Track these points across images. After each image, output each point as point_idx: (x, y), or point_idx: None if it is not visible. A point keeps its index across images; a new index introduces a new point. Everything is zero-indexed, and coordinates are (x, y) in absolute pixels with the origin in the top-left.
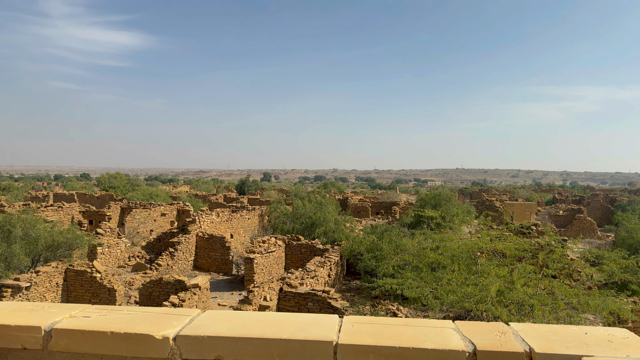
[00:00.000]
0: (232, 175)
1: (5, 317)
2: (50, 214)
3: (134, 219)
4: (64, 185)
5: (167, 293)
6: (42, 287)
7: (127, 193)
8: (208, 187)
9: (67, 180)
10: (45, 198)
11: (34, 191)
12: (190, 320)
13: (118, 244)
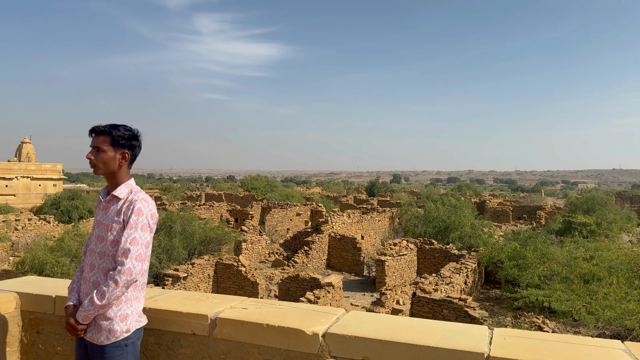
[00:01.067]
0: (362, 177)
1: (178, 304)
2: (203, 212)
3: (272, 217)
4: (213, 186)
5: (303, 289)
6: (196, 277)
7: (266, 193)
8: (339, 188)
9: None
10: (198, 198)
11: (189, 192)
12: (336, 319)
13: (259, 241)
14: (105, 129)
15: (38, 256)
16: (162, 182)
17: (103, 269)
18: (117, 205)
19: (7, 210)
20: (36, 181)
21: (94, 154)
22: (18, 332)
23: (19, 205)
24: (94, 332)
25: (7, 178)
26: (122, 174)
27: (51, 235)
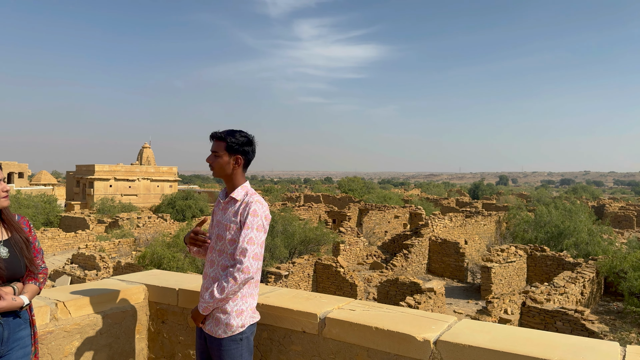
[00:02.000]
0: (464, 178)
1: (288, 302)
2: (302, 213)
3: (370, 219)
4: (311, 188)
5: (402, 293)
6: (297, 276)
7: (363, 195)
8: (439, 190)
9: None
10: (297, 199)
11: (289, 193)
12: (448, 326)
13: (357, 243)
14: (221, 135)
15: (157, 251)
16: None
17: (222, 265)
18: (234, 207)
19: (131, 208)
20: (155, 182)
21: (212, 158)
22: (146, 321)
23: (140, 204)
24: (213, 325)
25: (130, 180)
26: (237, 177)
27: (167, 232)
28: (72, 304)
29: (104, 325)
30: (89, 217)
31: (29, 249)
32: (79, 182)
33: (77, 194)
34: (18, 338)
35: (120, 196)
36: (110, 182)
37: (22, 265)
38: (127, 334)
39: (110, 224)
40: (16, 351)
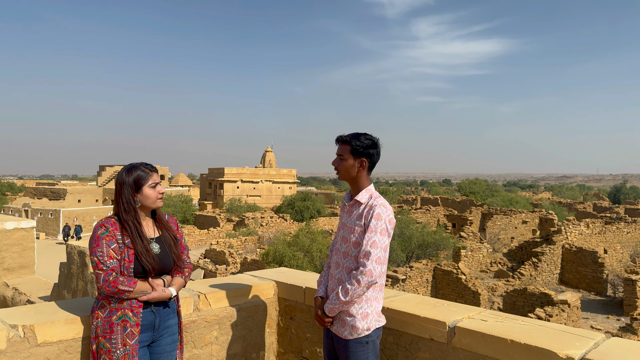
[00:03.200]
0: (603, 180)
1: (414, 307)
2: (419, 216)
3: (494, 224)
4: (428, 190)
5: (531, 305)
6: (414, 281)
7: (486, 199)
8: (573, 194)
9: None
10: (414, 201)
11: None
12: (594, 344)
13: (480, 249)
14: (346, 138)
15: (279, 249)
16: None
17: (346, 267)
18: (358, 210)
19: (255, 208)
20: (276, 184)
21: (338, 161)
22: (276, 316)
23: (263, 204)
24: (339, 326)
25: (254, 182)
26: (362, 180)
27: (288, 232)
28: (212, 296)
29: (239, 318)
30: (219, 216)
31: (176, 246)
32: (211, 184)
33: (209, 195)
34: (167, 326)
35: (246, 197)
36: (237, 184)
37: (171, 260)
38: (259, 327)
39: (237, 222)
40: (166, 338)
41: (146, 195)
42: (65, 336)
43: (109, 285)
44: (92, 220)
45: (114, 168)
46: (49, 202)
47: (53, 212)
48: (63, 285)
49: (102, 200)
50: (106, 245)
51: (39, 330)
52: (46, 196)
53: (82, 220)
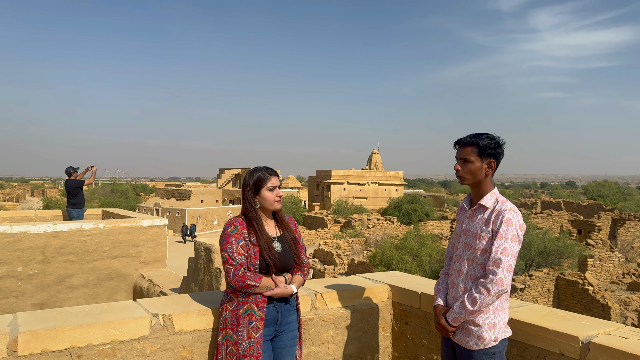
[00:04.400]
0: None
1: (541, 319)
2: (539, 221)
3: (627, 232)
4: (550, 193)
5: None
6: (534, 290)
7: (617, 203)
8: None
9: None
10: (533, 205)
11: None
12: None
13: (610, 258)
14: (471, 140)
15: (386, 252)
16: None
17: (471, 275)
18: (484, 215)
19: (361, 210)
20: (382, 186)
21: (461, 165)
22: (390, 320)
23: (369, 206)
24: (463, 335)
25: (361, 184)
26: (488, 183)
27: (395, 234)
28: (328, 296)
29: (353, 319)
30: (327, 217)
31: (296, 246)
32: (319, 186)
33: (317, 196)
34: (288, 322)
35: (352, 199)
36: (344, 186)
37: (291, 258)
38: (373, 330)
39: (344, 224)
40: (287, 333)
41: (264, 197)
42: (198, 326)
43: (238, 279)
44: (213, 219)
45: (231, 171)
46: (176, 202)
47: (180, 211)
48: (191, 278)
49: (221, 200)
50: (235, 242)
51: (176, 319)
52: (174, 197)
53: (204, 218)
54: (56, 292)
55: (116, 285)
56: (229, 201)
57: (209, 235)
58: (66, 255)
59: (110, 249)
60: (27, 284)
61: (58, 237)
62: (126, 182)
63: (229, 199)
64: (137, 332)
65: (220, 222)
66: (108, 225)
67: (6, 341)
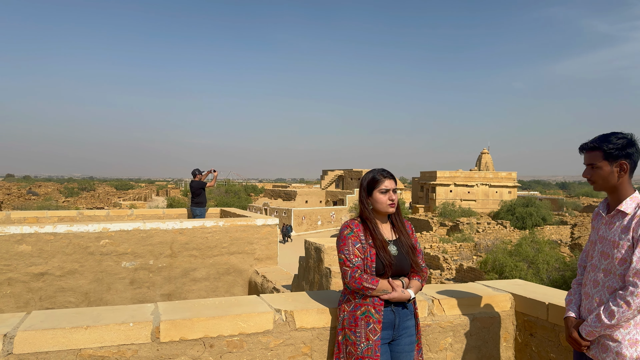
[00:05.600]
0: None
1: None
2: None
3: None
4: None
5: None
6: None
7: None
8: None
9: None
10: None
11: None
12: None
13: None
14: (594, 144)
15: (498, 258)
16: None
17: (608, 287)
18: (622, 221)
19: (470, 213)
20: (493, 188)
21: (589, 172)
22: (513, 331)
23: (479, 209)
24: (599, 351)
25: (469, 185)
26: (625, 186)
27: (508, 240)
28: (446, 302)
29: (473, 328)
30: (432, 220)
31: (414, 250)
32: (423, 187)
33: (421, 198)
34: (406, 327)
35: (460, 201)
36: (450, 188)
37: (407, 262)
38: (494, 340)
39: (451, 227)
40: (405, 338)
41: (376, 199)
42: (317, 324)
43: (355, 281)
44: (317, 219)
45: (334, 172)
46: (282, 202)
47: (286, 211)
48: (302, 276)
49: (324, 201)
50: (351, 244)
51: (297, 316)
52: (280, 197)
53: (308, 218)
54: (182, 284)
55: (233, 279)
56: (331, 202)
57: (313, 235)
58: (190, 251)
59: (228, 245)
60: (157, 276)
61: (183, 234)
62: (238, 183)
63: (332, 199)
64: (262, 326)
65: (324, 222)
66: (227, 224)
67: (150, 328)
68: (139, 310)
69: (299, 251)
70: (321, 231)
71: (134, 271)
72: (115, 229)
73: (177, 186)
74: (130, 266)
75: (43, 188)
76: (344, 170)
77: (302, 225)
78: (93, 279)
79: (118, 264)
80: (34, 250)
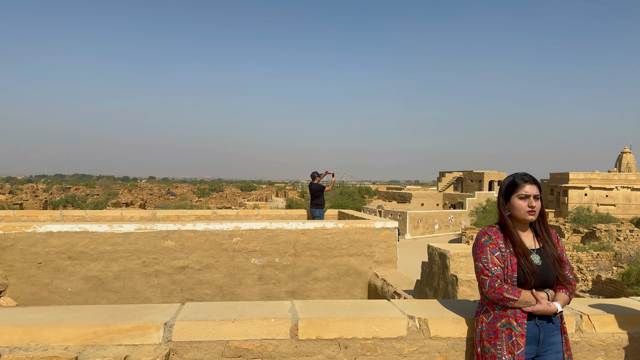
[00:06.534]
0: None
1: None
2: None
3: None
4: None
5: None
6: None
7: None
8: None
9: None
10: None
11: None
12: None
13: None
14: None
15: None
16: None
17: None
18: None
19: (608, 219)
20: (636, 192)
21: None
22: None
23: (619, 215)
24: None
25: (607, 188)
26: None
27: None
28: (596, 319)
29: (629, 348)
30: (564, 226)
31: (561, 265)
32: (553, 190)
33: (550, 202)
34: (552, 342)
35: (596, 206)
36: (585, 191)
37: (552, 274)
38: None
39: (586, 234)
40: (550, 354)
41: (514, 205)
42: (452, 334)
43: (494, 291)
44: (434, 222)
45: (452, 174)
46: (397, 204)
47: (401, 213)
48: (425, 282)
49: (442, 204)
50: (490, 252)
51: (431, 324)
52: (395, 199)
53: (424, 222)
54: (304, 282)
55: (353, 281)
56: (449, 205)
57: (430, 239)
58: (312, 251)
59: (348, 247)
60: (282, 274)
61: (305, 234)
62: (352, 184)
63: (449, 202)
64: (396, 332)
65: (442, 226)
66: (346, 226)
67: (289, 325)
68: (278, 307)
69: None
70: (438, 235)
71: (261, 268)
72: (246, 227)
73: (295, 188)
74: (259, 263)
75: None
76: (463, 172)
77: (417, 229)
78: (226, 274)
79: (248, 260)
80: (177, 246)
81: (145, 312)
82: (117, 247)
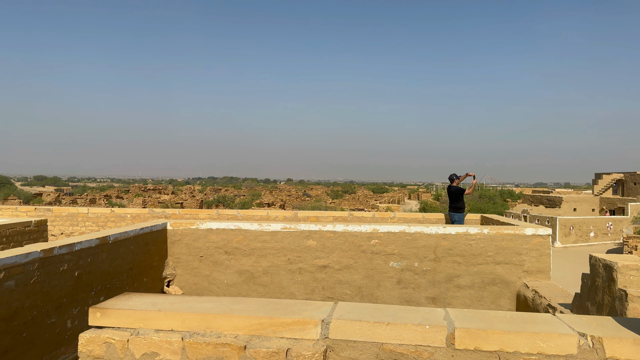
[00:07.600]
0: None
1: None
2: None
3: None
4: None
5: None
6: None
7: None
8: None
9: None
10: None
11: None
12: None
13: None
14: None
15: None
16: None
17: None
18: None
19: None
20: None
21: None
22: None
23: None
24: None
25: None
26: None
27: None
28: None
29: None
30: None
31: None
32: None
33: None
34: None
35: None
36: None
37: None
38: None
39: None
40: None
41: None
42: (632, 357)
43: None
44: (589, 230)
45: (611, 176)
46: (544, 209)
47: (549, 219)
48: (586, 296)
49: (598, 209)
50: None
51: (607, 344)
52: (542, 203)
53: (577, 229)
54: (445, 289)
55: (499, 290)
56: (606, 211)
57: (584, 247)
58: (454, 257)
59: (494, 254)
60: (422, 279)
61: (446, 239)
62: (492, 187)
63: (607, 208)
64: (564, 349)
65: (598, 233)
66: (492, 232)
67: (445, 333)
68: (431, 314)
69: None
70: (594, 244)
71: (400, 271)
72: (384, 230)
73: (428, 190)
74: (397, 266)
75: (314, 190)
76: (625, 174)
77: (569, 237)
78: (365, 275)
79: (386, 263)
80: (318, 245)
81: (303, 308)
82: (266, 244)
